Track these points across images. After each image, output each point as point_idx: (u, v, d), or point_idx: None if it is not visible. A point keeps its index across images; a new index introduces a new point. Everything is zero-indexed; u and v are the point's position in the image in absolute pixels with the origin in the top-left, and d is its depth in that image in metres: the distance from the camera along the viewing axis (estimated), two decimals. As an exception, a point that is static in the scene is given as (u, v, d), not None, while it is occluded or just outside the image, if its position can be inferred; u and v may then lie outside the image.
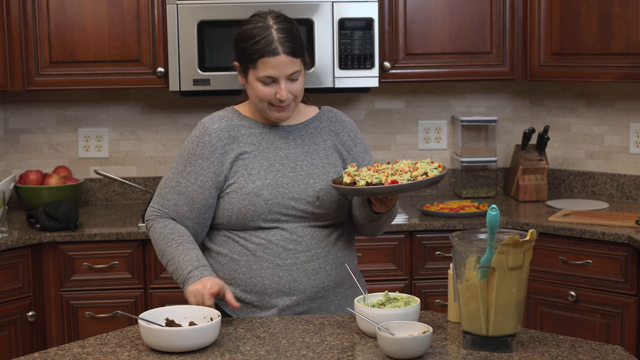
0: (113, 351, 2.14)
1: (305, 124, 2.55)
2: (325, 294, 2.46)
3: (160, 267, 3.59)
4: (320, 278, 2.44)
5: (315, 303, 2.45)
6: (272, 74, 2.39)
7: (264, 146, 2.48)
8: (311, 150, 2.50)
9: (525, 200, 4.03)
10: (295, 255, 2.42)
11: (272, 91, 2.41)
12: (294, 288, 2.42)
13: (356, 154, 2.57)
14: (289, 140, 2.50)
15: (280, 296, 2.42)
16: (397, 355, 2.04)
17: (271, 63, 2.39)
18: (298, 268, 2.42)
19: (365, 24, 3.77)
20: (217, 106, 4.20)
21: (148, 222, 2.52)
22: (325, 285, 2.45)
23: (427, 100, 4.29)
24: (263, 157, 2.46)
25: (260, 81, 2.41)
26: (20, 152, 4.16)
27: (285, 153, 2.48)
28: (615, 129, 4.06)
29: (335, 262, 2.47)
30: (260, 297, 2.43)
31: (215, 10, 3.72)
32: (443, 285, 3.57)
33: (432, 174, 2.29)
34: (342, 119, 2.61)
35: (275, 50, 2.38)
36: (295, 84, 2.43)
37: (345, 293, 2.51)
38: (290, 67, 2.40)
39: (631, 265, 3.38)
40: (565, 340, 2.16)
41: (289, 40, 2.40)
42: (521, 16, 3.92)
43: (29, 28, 3.75)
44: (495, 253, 2.03)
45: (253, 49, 2.40)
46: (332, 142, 2.55)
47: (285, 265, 2.42)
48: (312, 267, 2.43)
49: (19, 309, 3.48)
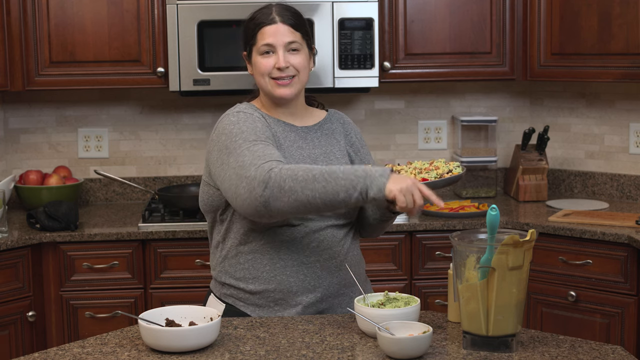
0: (113, 351, 2.14)
1: (319, 125, 2.55)
2: (345, 290, 2.48)
3: (160, 267, 3.59)
4: (342, 275, 2.46)
5: (336, 300, 2.47)
6: (269, 41, 2.42)
7: (287, 144, 2.47)
8: (329, 152, 2.52)
9: (525, 200, 4.03)
10: (318, 253, 2.43)
11: (271, 62, 2.43)
12: (318, 285, 2.43)
13: (363, 155, 2.60)
14: (308, 141, 2.51)
15: (305, 293, 2.43)
16: (397, 355, 2.04)
17: (268, 31, 2.43)
18: (322, 265, 2.43)
19: (365, 24, 3.77)
20: (217, 106, 4.23)
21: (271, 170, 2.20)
22: (346, 282, 2.47)
23: (427, 100, 4.29)
24: (287, 155, 2.45)
25: (260, 54, 2.44)
26: (20, 152, 4.16)
27: (308, 153, 2.48)
28: (615, 129, 4.06)
29: (354, 260, 2.50)
30: (285, 294, 2.43)
31: (215, 10, 3.72)
32: (443, 285, 3.57)
33: (456, 171, 2.35)
34: (348, 121, 2.64)
35: (273, 19, 2.44)
36: (296, 56, 2.44)
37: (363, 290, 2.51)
38: (287, 36, 2.43)
39: (631, 265, 3.38)
40: (565, 340, 2.16)
41: (289, 14, 2.46)
42: (521, 16, 3.92)
43: (29, 28, 3.75)
44: (495, 253, 2.03)
45: (253, 24, 2.47)
46: (344, 144, 2.57)
47: (309, 262, 2.42)
48: (334, 265, 2.45)
49: (19, 309, 3.48)
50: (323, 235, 2.43)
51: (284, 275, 2.42)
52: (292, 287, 2.42)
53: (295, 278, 2.42)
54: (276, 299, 2.43)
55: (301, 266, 2.42)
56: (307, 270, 2.43)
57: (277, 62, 2.42)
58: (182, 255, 3.59)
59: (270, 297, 2.43)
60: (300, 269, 2.42)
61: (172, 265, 3.60)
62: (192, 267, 3.60)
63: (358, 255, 2.54)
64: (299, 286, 2.42)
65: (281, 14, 2.45)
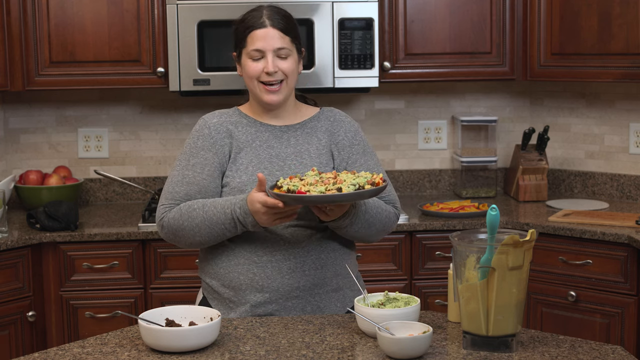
0: (113, 351, 2.14)
1: (303, 123, 2.55)
2: (300, 294, 2.44)
3: (160, 267, 3.59)
4: (296, 277, 2.42)
5: (289, 303, 2.43)
6: (259, 46, 2.44)
7: (256, 144, 2.49)
8: (303, 150, 2.50)
9: (525, 200, 4.03)
10: (272, 253, 2.42)
11: (260, 67, 2.45)
12: (267, 285, 2.42)
13: (348, 155, 2.54)
14: (282, 140, 2.51)
15: (253, 292, 2.42)
16: (397, 355, 2.04)
17: (258, 35, 2.45)
18: (273, 265, 2.42)
19: (365, 24, 3.77)
20: (217, 106, 4.20)
21: (162, 220, 2.44)
22: (301, 285, 2.43)
23: (427, 100, 4.29)
24: (253, 155, 2.47)
25: (250, 57, 2.46)
26: (20, 152, 4.16)
27: (277, 152, 2.49)
28: (615, 129, 4.06)
29: (316, 264, 2.45)
30: (236, 292, 2.44)
31: (215, 10, 3.72)
32: (443, 285, 3.57)
33: (347, 190, 2.23)
34: (342, 119, 2.59)
35: (263, 23, 2.45)
36: (285, 62, 2.46)
37: (327, 295, 2.48)
38: (277, 41, 2.45)
39: (631, 265, 3.38)
40: (565, 340, 2.16)
41: (278, 18, 2.47)
42: (521, 16, 3.92)
43: (29, 28, 3.75)
44: (495, 253, 2.03)
45: (243, 27, 2.48)
46: (327, 142, 2.54)
47: (261, 261, 2.42)
48: (288, 266, 2.42)
49: (19, 309, 3.48)
50: (281, 235, 2.42)
51: (235, 273, 2.44)
52: (242, 285, 2.43)
53: (244, 276, 2.43)
54: (229, 296, 2.45)
55: (252, 265, 2.42)
56: (257, 269, 2.42)
57: (266, 67, 2.44)
58: (182, 255, 3.59)
59: (225, 294, 2.45)
60: (251, 267, 2.42)
61: (172, 265, 3.60)
62: (192, 267, 3.60)
63: (331, 259, 2.47)
64: (247, 285, 2.42)
65: (271, 17, 2.46)
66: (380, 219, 2.46)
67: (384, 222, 2.48)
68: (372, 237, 2.50)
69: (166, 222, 2.43)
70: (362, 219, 2.41)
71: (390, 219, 2.50)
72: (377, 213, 2.45)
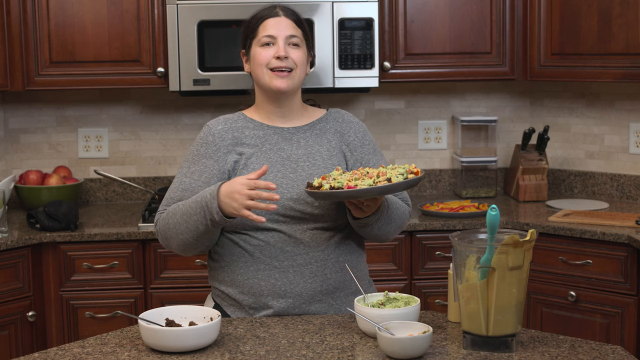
0: (113, 351, 2.14)
1: (311, 125, 2.54)
2: (322, 297, 2.43)
3: (160, 267, 3.59)
4: (318, 281, 2.42)
5: (312, 307, 2.42)
6: (271, 32, 2.45)
7: (266, 147, 2.47)
8: (314, 152, 2.49)
9: (525, 200, 4.04)
10: (293, 258, 2.40)
11: (271, 52, 2.45)
12: (290, 290, 2.40)
13: (361, 155, 2.54)
14: (292, 142, 2.50)
15: (276, 298, 2.40)
16: (397, 355, 2.04)
17: (271, 23, 2.46)
18: (295, 270, 2.40)
19: (365, 24, 3.77)
20: (217, 106, 4.23)
21: (156, 224, 2.47)
22: (323, 289, 2.42)
23: (427, 100, 4.29)
24: (265, 158, 2.45)
25: (260, 45, 2.46)
26: (20, 152, 4.16)
27: (288, 154, 2.47)
28: (615, 129, 4.06)
29: (336, 266, 2.44)
30: (257, 298, 2.41)
31: (215, 10, 3.72)
32: (443, 285, 3.57)
33: (396, 179, 2.25)
34: (350, 119, 2.59)
35: (277, 13, 2.48)
36: (295, 51, 2.46)
37: (348, 298, 2.47)
38: (289, 29, 2.46)
39: (631, 265, 3.38)
40: (565, 340, 2.16)
41: (292, 11, 2.51)
42: (521, 16, 3.92)
43: (29, 28, 3.75)
44: (495, 253, 2.03)
45: (255, 19, 2.50)
46: (337, 143, 2.53)
47: (282, 267, 2.40)
48: (310, 270, 2.41)
49: (19, 309, 3.48)
50: (300, 239, 2.40)
51: (255, 279, 2.41)
52: (263, 291, 2.40)
53: (266, 282, 2.40)
54: (249, 303, 2.42)
55: (273, 270, 2.40)
56: (279, 275, 2.40)
57: (277, 52, 2.44)
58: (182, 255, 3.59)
59: (245, 301, 2.43)
60: (272, 273, 2.40)
61: (172, 265, 3.60)
62: (192, 267, 3.60)
63: (348, 261, 2.46)
64: (270, 291, 2.40)
65: (285, 10, 2.50)
66: (398, 215, 2.48)
67: (401, 218, 2.50)
68: (389, 234, 2.50)
69: (158, 226, 2.46)
70: (386, 214, 2.42)
71: (405, 215, 2.53)
72: (396, 209, 2.47)
